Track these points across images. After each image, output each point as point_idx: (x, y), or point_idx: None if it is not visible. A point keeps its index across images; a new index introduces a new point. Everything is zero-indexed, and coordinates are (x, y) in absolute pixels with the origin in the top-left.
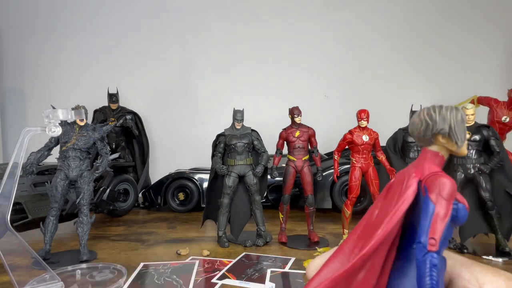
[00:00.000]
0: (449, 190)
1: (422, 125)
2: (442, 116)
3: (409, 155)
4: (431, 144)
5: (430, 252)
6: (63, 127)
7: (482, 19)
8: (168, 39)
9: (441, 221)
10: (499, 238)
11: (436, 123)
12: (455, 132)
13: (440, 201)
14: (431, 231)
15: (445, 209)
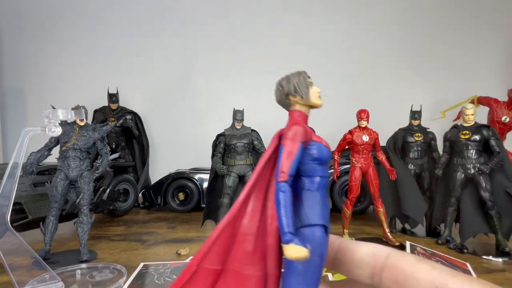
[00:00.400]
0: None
1: (277, 92)
2: (287, 80)
3: (409, 155)
4: (290, 105)
5: (280, 182)
6: (63, 127)
7: (482, 19)
8: (168, 39)
9: (287, 157)
10: (499, 238)
11: (284, 86)
12: (299, 89)
13: (286, 142)
14: (281, 166)
15: (290, 147)
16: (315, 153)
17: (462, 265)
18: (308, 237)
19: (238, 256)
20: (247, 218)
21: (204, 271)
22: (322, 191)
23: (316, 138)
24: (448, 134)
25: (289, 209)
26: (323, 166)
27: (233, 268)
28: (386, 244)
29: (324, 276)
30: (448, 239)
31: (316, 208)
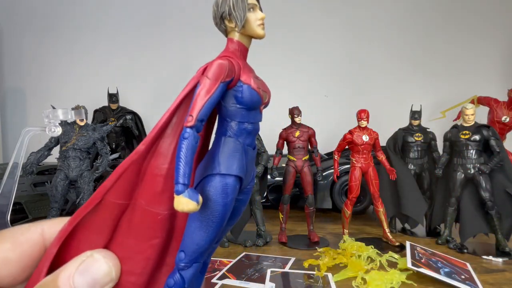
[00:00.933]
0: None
1: (212, 13)
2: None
3: (409, 155)
4: (226, 31)
5: (185, 127)
6: (63, 127)
7: (482, 19)
8: (169, 39)
9: (201, 99)
10: (499, 238)
11: (219, 6)
12: (235, 12)
13: (204, 80)
14: (191, 109)
15: (207, 87)
16: (240, 96)
17: (462, 265)
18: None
19: (145, 194)
20: (157, 159)
21: (108, 204)
22: (246, 139)
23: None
24: (448, 134)
25: (189, 158)
26: (251, 111)
27: (140, 204)
28: (386, 244)
29: (324, 276)
30: (448, 239)
31: (235, 158)
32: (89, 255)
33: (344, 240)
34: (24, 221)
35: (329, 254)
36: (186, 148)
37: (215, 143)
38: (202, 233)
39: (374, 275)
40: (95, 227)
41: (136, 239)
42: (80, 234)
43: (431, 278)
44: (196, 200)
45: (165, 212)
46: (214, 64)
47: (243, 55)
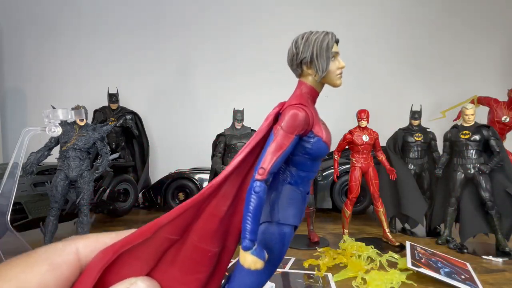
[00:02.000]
0: (291, 122)
1: (289, 53)
2: (307, 43)
3: (409, 155)
4: (301, 74)
5: (256, 180)
6: (63, 127)
7: (482, 19)
8: (169, 39)
9: (274, 152)
10: (499, 238)
11: (300, 51)
12: (317, 60)
13: (279, 132)
14: (263, 160)
15: (282, 141)
16: (309, 148)
17: (462, 265)
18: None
19: (199, 231)
20: (218, 200)
21: (159, 238)
22: (305, 187)
23: (317, 128)
24: (448, 134)
25: (258, 214)
26: (315, 161)
27: (191, 240)
28: (386, 244)
29: (324, 276)
30: (448, 239)
31: (293, 207)
32: (133, 282)
33: (344, 240)
34: (24, 221)
35: (329, 254)
36: (256, 203)
37: (275, 188)
38: (254, 278)
39: (374, 275)
40: (140, 255)
41: (181, 271)
42: (123, 259)
43: (431, 278)
44: (263, 258)
45: (216, 250)
46: (291, 116)
47: (313, 101)
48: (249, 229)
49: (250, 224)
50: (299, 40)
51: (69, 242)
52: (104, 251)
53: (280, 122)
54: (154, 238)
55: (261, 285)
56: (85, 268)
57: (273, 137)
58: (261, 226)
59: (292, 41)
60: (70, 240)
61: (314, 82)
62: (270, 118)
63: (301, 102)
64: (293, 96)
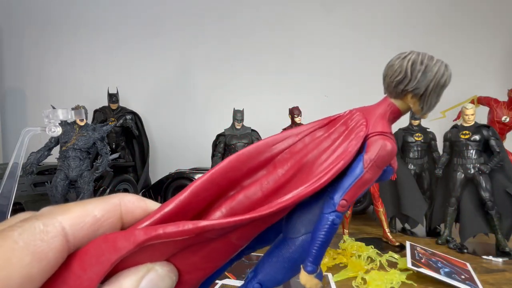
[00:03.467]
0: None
1: (399, 74)
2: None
3: (409, 155)
4: (397, 97)
5: (337, 212)
6: (63, 127)
7: (482, 19)
8: (169, 39)
9: (362, 187)
10: (499, 238)
11: (415, 79)
12: (429, 97)
13: (372, 167)
14: (348, 193)
15: (373, 176)
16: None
17: (462, 265)
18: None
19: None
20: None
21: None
22: None
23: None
24: (448, 134)
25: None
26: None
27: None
28: (386, 244)
29: (324, 276)
30: (448, 239)
31: None
32: (150, 268)
33: (344, 240)
34: None
35: (329, 254)
36: (331, 235)
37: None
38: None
39: (374, 275)
40: (166, 246)
41: (204, 258)
42: None
43: (431, 278)
44: (321, 279)
45: (243, 245)
46: (386, 149)
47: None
48: (317, 255)
49: (320, 252)
50: (418, 66)
51: (51, 219)
52: (123, 237)
53: (373, 154)
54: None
55: (287, 280)
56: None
57: (363, 171)
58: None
59: (408, 61)
60: (50, 216)
61: (406, 108)
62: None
63: (389, 130)
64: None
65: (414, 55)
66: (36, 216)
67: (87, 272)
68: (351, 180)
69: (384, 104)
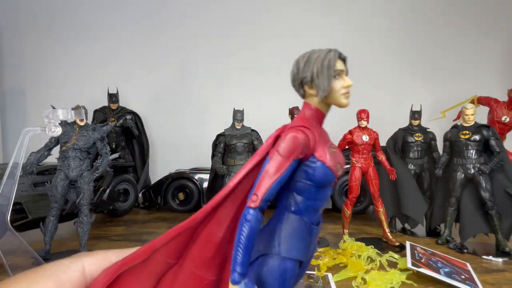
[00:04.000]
0: (288, 146)
1: (292, 74)
2: (308, 62)
3: (409, 155)
4: (304, 95)
5: (248, 207)
6: (63, 127)
7: (482, 19)
8: (169, 39)
9: (269, 178)
10: (499, 238)
11: (300, 70)
12: (318, 80)
13: (274, 157)
14: (257, 187)
15: (277, 165)
16: (311, 173)
17: (462, 265)
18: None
19: (195, 257)
20: (213, 225)
21: (156, 261)
22: (311, 217)
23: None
24: (448, 134)
25: (249, 244)
26: (321, 189)
27: (188, 266)
28: (386, 244)
29: (324, 276)
30: (448, 239)
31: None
32: None
33: (344, 240)
34: (24, 221)
35: (329, 254)
36: (248, 232)
37: (277, 217)
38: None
39: (374, 275)
40: (140, 276)
41: None
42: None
43: (431, 278)
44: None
45: (213, 278)
46: (288, 138)
47: (319, 122)
48: (239, 261)
49: (241, 255)
50: (300, 60)
51: (76, 259)
52: (106, 271)
53: (277, 146)
54: (152, 260)
55: None
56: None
57: (269, 161)
58: (259, 259)
59: (294, 62)
60: (77, 256)
61: (316, 102)
62: (270, 140)
63: (304, 124)
64: (297, 118)
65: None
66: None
67: None
68: (259, 175)
69: (302, 109)
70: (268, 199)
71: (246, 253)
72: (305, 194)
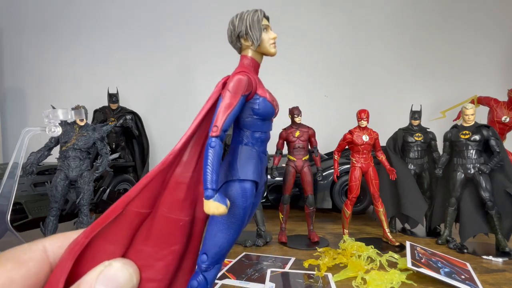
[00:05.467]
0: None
1: (228, 30)
2: (241, 19)
3: (409, 155)
4: (241, 48)
5: (211, 137)
6: (63, 127)
7: (482, 19)
8: (169, 39)
9: (224, 111)
10: (499, 238)
11: (235, 26)
12: (251, 32)
13: (226, 94)
14: (215, 119)
15: (229, 100)
16: (257, 108)
17: (462, 265)
18: (235, 191)
19: (168, 202)
20: (181, 168)
21: (130, 213)
22: (260, 147)
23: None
24: (448, 134)
25: (216, 165)
26: (265, 121)
27: (162, 212)
28: (386, 244)
29: (324, 276)
30: (448, 239)
31: (251, 164)
32: (107, 264)
33: (344, 240)
34: (24, 221)
35: (329, 254)
36: (213, 156)
37: (232, 151)
38: (224, 235)
39: (374, 275)
40: (112, 237)
41: (156, 246)
42: (95, 245)
43: (431, 278)
44: (225, 204)
45: (187, 218)
46: (235, 79)
47: (255, 70)
48: (210, 179)
49: (210, 174)
50: (234, 19)
51: (35, 241)
52: (75, 240)
53: (227, 87)
54: (125, 215)
55: (231, 241)
56: (58, 262)
57: (222, 100)
58: (224, 185)
59: (229, 22)
60: (36, 240)
61: (253, 53)
62: (219, 85)
63: (245, 70)
64: (237, 67)
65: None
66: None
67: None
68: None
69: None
70: (225, 129)
71: (214, 172)
72: (253, 128)
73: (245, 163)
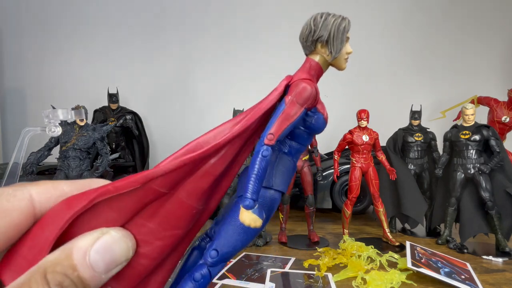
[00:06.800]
0: (303, 95)
1: (306, 29)
2: (326, 22)
3: (409, 155)
4: (312, 52)
5: (265, 145)
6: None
7: (482, 19)
8: (169, 39)
9: (285, 120)
10: (499, 238)
11: (318, 29)
12: (333, 41)
13: (291, 102)
14: (273, 127)
15: (294, 110)
16: (312, 123)
17: (462, 265)
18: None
19: (189, 187)
20: (216, 159)
21: (147, 189)
22: (297, 158)
23: (320, 105)
24: (448, 134)
25: (263, 176)
26: (311, 136)
27: (179, 195)
28: (386, 244)
29: (324, 276)
30: (448, 239)
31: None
32: (105, 231)
33: (344, 240)
34: None
35: (329, 254)
36: (263, 166)
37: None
38: (240, 239)
39: (374, 275)
40: (117, 204)
41: (160, 225)
42: (97, 208)
43: (431, 278)
44: (262, 218)
45: (200, 208)
46: (303, 89)
47: (318, 79)
48: (253, 189)
49: (256, 184)
50: (318, 18)
51: (20, 187)
52: (77, 197)
53: (292, 93)
54: (142, 189)
55: (244, 244)
56: (47, 214)
57: (284, 106)
58: None
59: (311, 18)
60: (21, 185)
61: (323, 61)
62: (280, 88)
63: (311, 79)
64: (301, 70)
65: (315, 14)
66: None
67: (44, 231)
68: (275, 118)
69: (305, 63)
70: (279, 140)
71: (259, 183)
72: (298, 139)
73: (281, 172)
